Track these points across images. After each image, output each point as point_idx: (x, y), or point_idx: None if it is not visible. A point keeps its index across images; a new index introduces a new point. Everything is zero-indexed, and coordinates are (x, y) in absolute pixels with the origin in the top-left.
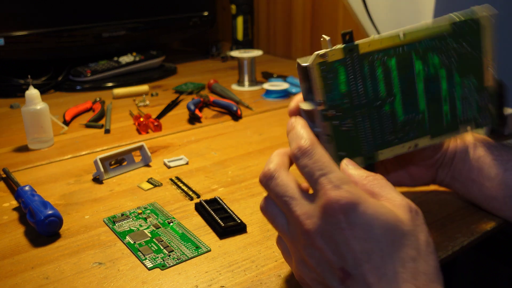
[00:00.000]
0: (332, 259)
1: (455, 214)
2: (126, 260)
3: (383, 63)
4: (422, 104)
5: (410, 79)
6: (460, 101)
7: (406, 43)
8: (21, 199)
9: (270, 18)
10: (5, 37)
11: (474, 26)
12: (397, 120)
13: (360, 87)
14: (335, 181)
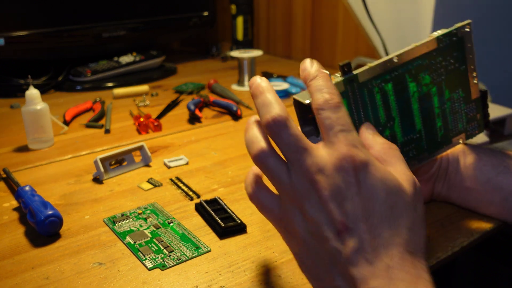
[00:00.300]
0: (334, 212)
1: (455, 214)
2: (126, 261)
3: (381, 89)
4: (419, 124)
5: (406, 101)
6: (451, 115)
7: (400, 66)
8: (21, 199)
9: (270, 18)
10: (5, 37)
11: (457, 41)
12: (397, 142)
13: (362, 115)
14: (353, 140)
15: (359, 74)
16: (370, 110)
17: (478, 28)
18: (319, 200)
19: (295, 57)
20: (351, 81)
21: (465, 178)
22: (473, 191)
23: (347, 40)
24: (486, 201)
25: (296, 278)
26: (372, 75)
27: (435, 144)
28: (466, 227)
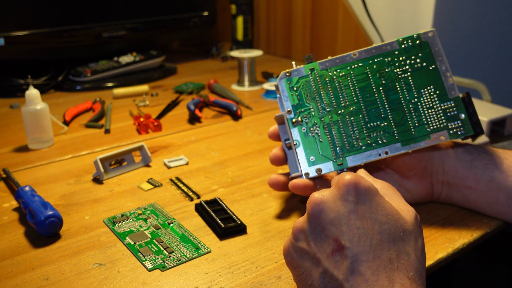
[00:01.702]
0: (329, 228)
1: (455, 215)
2: (126, 261)
3: (341, 76)
4: (385, 112)
5: (369, 89)
6: (425, 111)
7: (360, 60)
8: (21, 199)
9: (270, 18)
10: (5, 37)
11: (421, 44)
12: (362, 126)
13: (324, 99)
14: (359, 173)
15: (319, 63)
16: (330, 91)
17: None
18: (315, 219)
19: (295, 57)
20: (312, 69)
21: (467, 177)
22: (476, 191)
23: (347, 40)
24: (490, 201)
25: None
26: (332, 65)
27: (409, 137)
28: (466, 228)
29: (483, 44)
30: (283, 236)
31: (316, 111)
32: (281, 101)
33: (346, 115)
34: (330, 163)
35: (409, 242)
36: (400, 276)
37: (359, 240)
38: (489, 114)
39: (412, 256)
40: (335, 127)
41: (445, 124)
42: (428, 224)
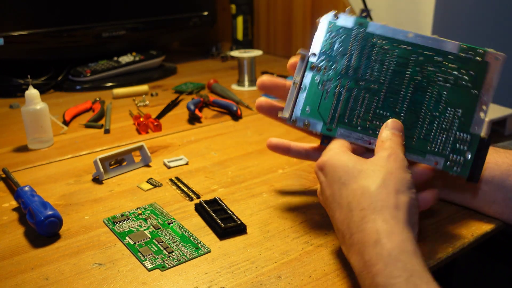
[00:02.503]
0: (323, 201)
1: (455, 215)
2: (126, 261)
3: (383, 50)
4: (401, 108)
5: (400, 77)
6: (438, 129)
7: (411, 44)
8: (21, 199)
9: (270, 18)
10: (5, 37)
11: (480, 63)
12: (370, 108)
13: (353, 61)
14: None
15: (371, 24)
16: (364, 61)
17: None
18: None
19: None
20: (361, 24)
21: None
22: (474, 190)
23: None
24: (488, 200)
25: (296, 279)
26: (382, 33)
27: (407, 144)
28: (466, 228)
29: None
30: (283, 236)
31: (339, 68)
32: (313, 39)
33: (363, 89)
34: (320, 124)
35: (344, 180)
36: (356, 213)
37: (331, 202)
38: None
39: (357, 191)
40: (346, 94)
41: (447, 153)
42: (428, 224)
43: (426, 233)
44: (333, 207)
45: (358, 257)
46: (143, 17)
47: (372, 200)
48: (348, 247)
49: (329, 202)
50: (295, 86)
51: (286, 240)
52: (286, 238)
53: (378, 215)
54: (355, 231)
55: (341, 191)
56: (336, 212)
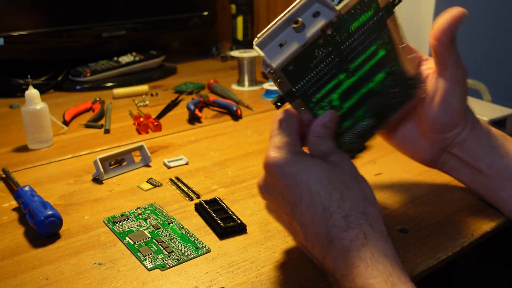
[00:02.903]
0: (277, 207)
1: (455, 215)
2: (126, 261)
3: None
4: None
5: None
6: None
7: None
8: (21, 199)
9: (270, 18)
10: (5, 37)
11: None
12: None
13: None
14: (271, 145)
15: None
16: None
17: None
18: (268, 202)
19: None
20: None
21: (482, 160)
22: (484, 175)
23: None
24: (495, 187)
25: (296, 278)
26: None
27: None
28: (466, 228)
29: (483, 44)
30: (283, 235)
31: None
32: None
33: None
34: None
35: (336, 182)
36: (336, 219)
37: (296, 206)
38: (489, 114)
39: (344, 193)
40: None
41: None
42: (428, 224)
43: (426, 232)
44: (299, 211)
45: (340, 261)
46: (143, 17)
47: (353, 204)
48: (326, 251)
49: (291, 204)
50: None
51: (286, 240)
52: (286, 238)
53: (365, 220)
54: (338, 236)
55: (312, 194)
56: (306, 217)
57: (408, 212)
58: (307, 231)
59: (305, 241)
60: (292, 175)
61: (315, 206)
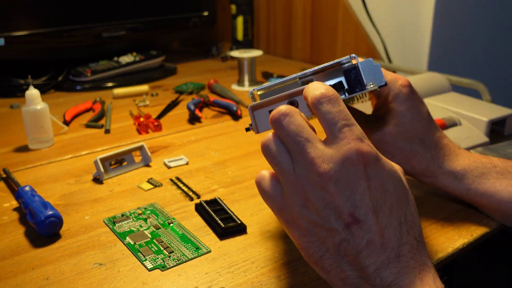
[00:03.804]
0: (343, 205)
1: (455, 215)
2: (126, 261)
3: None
4: None
5: None
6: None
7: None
8: (21, 199)
9: (270, 18)
10: (5, 37)
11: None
12: None
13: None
14: (359, 134)
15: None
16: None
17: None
18: (326, 193)
19: (295, 57)
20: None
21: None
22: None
23: (347, 40)
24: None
25: (296, 279)
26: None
27: None
28: (466, 228)
29: (483, 44)
30: (283, 236)
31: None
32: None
33: None
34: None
35: (411, 201)
36: (409, 239)
37: (373, 213)
38: (489, 114)
39: (415, 215)
40: None
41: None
42: (428, 224)
43: (426, 233)
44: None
45: (403, 277)
46: (143, 17)
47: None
48: (385, 264)
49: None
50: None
51: (286, 240)
52: (286, 238)
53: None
54: (408, 256)
55: (392, 207)
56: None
57: None
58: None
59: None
60: (381, 179)
61: (391, 218)
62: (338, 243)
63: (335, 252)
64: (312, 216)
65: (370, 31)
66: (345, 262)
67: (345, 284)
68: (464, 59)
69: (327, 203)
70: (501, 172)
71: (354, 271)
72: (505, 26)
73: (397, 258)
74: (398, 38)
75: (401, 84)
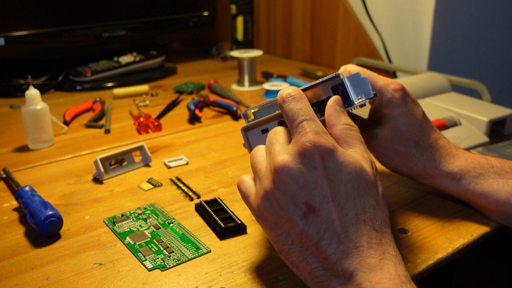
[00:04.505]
0: (298, 194)
1: (455, 215)
2: (126, 261)
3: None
4: None
5: None
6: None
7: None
8: (21, 199)
9: (270, 18)
10: (5, 37)
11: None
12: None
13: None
14: (316, 128)
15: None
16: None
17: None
18: (282, 183)
19: (295, 57)
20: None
21: (454, 189)
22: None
23: (347, 40)
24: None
25: (296, 279)
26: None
27: None
28: (466, 228)
29: (483, 44)
30: None
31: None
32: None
33: None
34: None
35: (371, 193)
36: (367, 229)
37: (327, 201)
38: (489, 114)
39: (376, 207)
40: None
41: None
42: (428, 224)
43: (426, 233)
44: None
45: (364, 266)
46: (143, 17)
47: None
48: (345, 254)
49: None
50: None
51: None
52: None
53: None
54: (367, 246)
55: (348, 195)
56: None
57: (408, 212)
58: (329, 228)
59: (311, 238)
60: (335, 170)
61: (346, 208)
62: (299, 233)
63: (299, 244)
64: (275, 207)
65: (370, 31)
66: (309, 254)
67: (313, 277)
68: (464, 59)
69: (284, 193)
70: (498, 173)
71: (318, 262)
72: (505, 26)
73: (356, 249)
74: (398, 38)
75: (394, 88)
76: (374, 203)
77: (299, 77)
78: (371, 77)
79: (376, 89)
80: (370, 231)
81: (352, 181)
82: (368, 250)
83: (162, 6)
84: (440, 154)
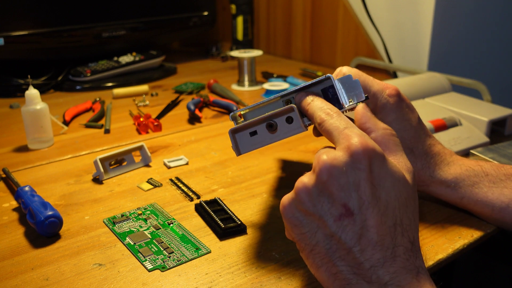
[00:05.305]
0: (337, 194)
1: (455, 216)
2: (126, 262)
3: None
4: None
5: None
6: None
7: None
8: (21, 199)
9: (270, 18)
10: (5, 37)
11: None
12: None
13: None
14: (360, 132)
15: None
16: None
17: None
18: (323, 182)
19: (295, 57)
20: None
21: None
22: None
23: (347, 40)
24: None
25: (296, 279)
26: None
27: None
28: (466, 228)
29: (483, 44)
30: (283, 236)
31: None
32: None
33: None
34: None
35: (410, 207)
36: (404, 241)
37: (367, 207)
38: (489, 114)
39: (412, 220)
40: None
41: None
42: (428, 224)
43: (426, 233)
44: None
45: (402, 276)
46: (143, 17)
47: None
48: (383, 262)
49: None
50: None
51: (286, 240)
52: (286, 239)
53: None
54: (403, 257)
55: (388, 205)
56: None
57: None
58: (367, 233)
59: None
60: (380, 176)
61: (385, 217)
62: (329, 235)
63: (325, 246)
64: (306, 204)
65: (370, 31)
66: (337, 257)
67: (338, 279)
68: (464, 59)
69: (322, 190)
70: (493, 181)
71: (347, 266)
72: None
73: (393, 258)
74: (398, 38)
75: (388, 94)
76: (411, 217)
77: (299, 77)
78: (366, 81)
79: (371, 93)
80: (406, 243)
81: (395, 191)
82: (405, 262)
83: (162, 6)
84: (434, 161)
